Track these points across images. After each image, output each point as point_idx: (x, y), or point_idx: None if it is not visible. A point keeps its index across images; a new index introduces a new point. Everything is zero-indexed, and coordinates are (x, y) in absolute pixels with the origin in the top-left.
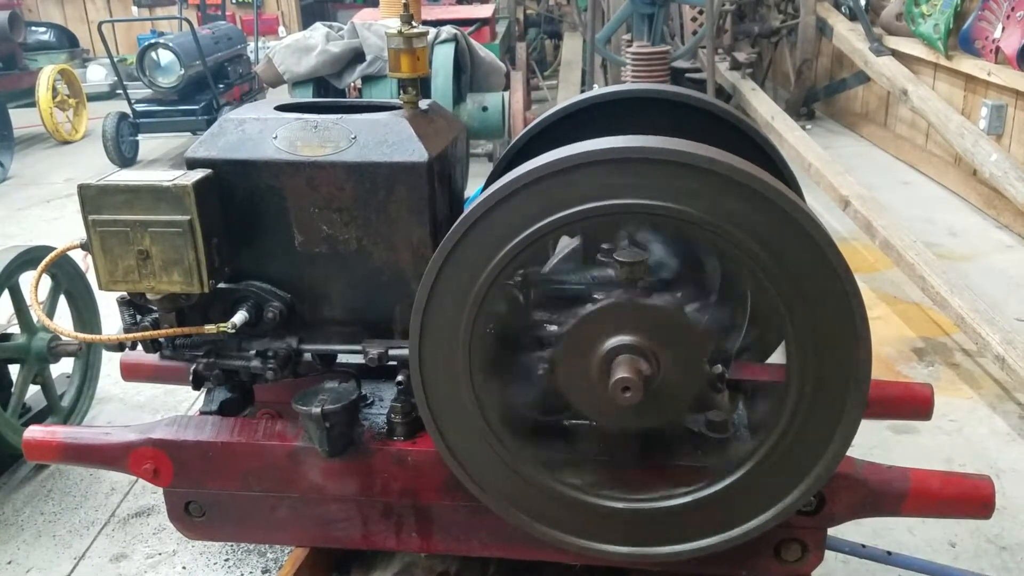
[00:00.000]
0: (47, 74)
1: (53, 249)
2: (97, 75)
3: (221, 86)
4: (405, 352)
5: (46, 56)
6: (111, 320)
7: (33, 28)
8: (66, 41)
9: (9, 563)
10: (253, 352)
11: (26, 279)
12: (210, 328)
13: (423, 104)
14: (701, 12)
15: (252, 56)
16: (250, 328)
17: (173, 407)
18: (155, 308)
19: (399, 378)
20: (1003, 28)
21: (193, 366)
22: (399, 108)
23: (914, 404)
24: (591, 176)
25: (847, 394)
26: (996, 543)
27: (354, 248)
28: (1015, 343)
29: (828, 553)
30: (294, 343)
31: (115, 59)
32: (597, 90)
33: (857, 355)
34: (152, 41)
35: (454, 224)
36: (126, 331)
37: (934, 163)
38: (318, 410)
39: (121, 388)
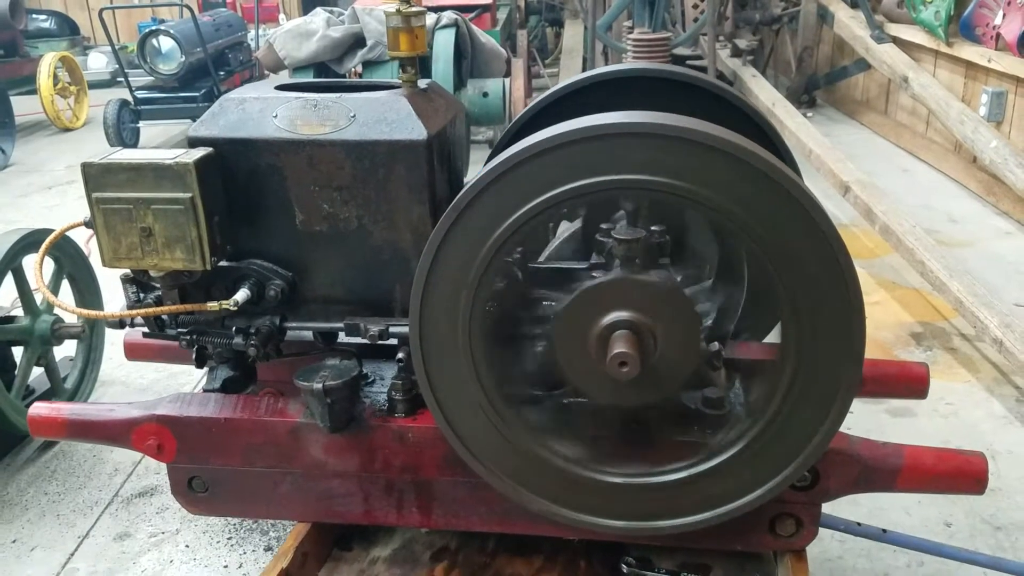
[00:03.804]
0: (48, 61)
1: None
2: (98, 63)
3: (222, 73)
4: (405, 329)
5: (47, 43)
6: (113, 304)
7: (34, 15)
8: (67, 28)
9: (14, 542)
10: (254, 330)
11: (29, 262)
12: (212, 305)
13: (422, 83)
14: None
15: (253, 43)
16: (251, 306)
17: (175, 390)
18: (158, 286)
19: (399, 355)
20: (1003, 15)
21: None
22: (398, 88)
23: (910, 383)
24: (588, 152)
25: (842, 369)
26: (991, 523)
27: (354, 226)
28: (1013, 326)
29: (825, 532)
30: (295, 321)
31: (116, 46)
32: (599, 69)
33: (852, 330)
34: (153, 28)
35: (453, 200)
36: (129, 308)
37: (934, 150)
38: (320, 386)
39: (124, 371)
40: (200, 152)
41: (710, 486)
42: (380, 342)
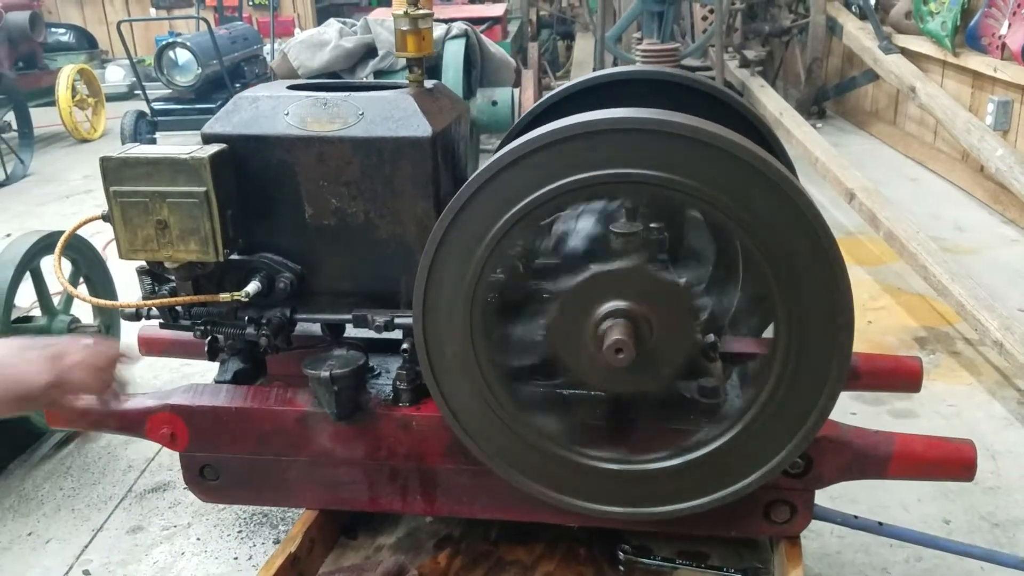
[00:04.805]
0: (67, 74)
1: (74, 233)
2: (115, 75)
3: (238, 85)
4: (410, 321)
5: (65, 56)
6: None
7: (53, 29)
8: (85, 42)
9: (30, 534)
10: (266, 320)
11: (46, 264)
12: (224, 296)
13: (428, 84)
14: (712, 11)
15: (268, 56)
16: (262, 298)
17: None
18: (172, 277)
19: (404, 346)
20: (1009, 25)
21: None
22: (405, 88)
23: (904, 377)
24: (588, 146)
25: (831, 357)
26: (989, 520)
27: (361, 221)
28: (1013, 328)
29: (823, 527)
30: (304, 313)
31: (133, 59)
32: (605, 70)
33: (840, 320)
34: (170, 40)
35: (456, 194)
36: (144, 299)
37: (942, 159)
38: (327, 373)
39: (137, 373)
40: (214, 148)
41: (705, 472)
42: (386, 332)
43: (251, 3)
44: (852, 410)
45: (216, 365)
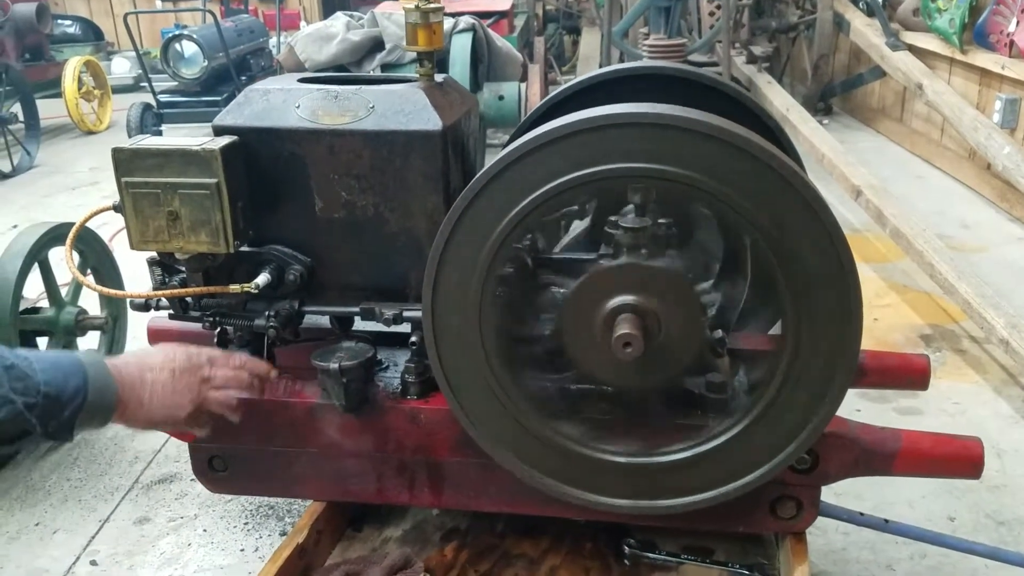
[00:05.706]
0: (73, 65)
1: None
2: (121, 67)
3: (244, 78)
4: (418, 314)
5: (72, 48)
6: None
7: (59, 21)
8: (91, 34)
9: (37, 525)
10: (274, 312)
11: (54, 255)
12: (235, 288)
13: (438, 78)
14: (719, 7)
15: (274, 49)
16: (271, 290)
17: None
18: (183, 268)
19: (412, 339)
20: (1017, 22)
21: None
22: (416, 82)
23: (911, 374)
24: (596, 141)
25: (839, 354)
26: (994, 518)
27: (371, 214)
28: (1019, 327)
29: (829, 525)
30: (313, 305)
31: (140, 51)
32: (614, 66)
33: (849, 312)
34: (176, 33)
35: (466, 188)
36: (155, 290)
37: (948, 157)
38: (336, 365)
39: None
40: (226, 139)
41: (712, 466)
42: (394, 326)
43: None
44: (857, 407)
45: None
